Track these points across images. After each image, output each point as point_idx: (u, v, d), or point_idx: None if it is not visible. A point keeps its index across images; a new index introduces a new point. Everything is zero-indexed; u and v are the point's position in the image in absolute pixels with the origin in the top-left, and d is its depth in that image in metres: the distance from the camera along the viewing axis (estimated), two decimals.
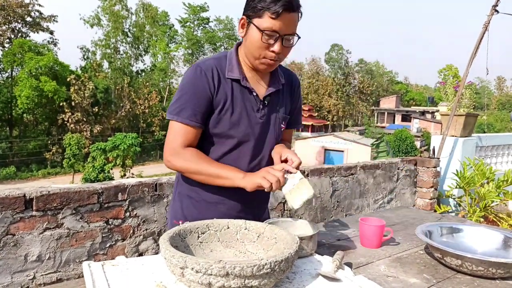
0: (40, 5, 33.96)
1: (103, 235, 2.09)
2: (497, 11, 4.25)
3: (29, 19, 33.88)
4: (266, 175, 1.23)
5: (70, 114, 29.96)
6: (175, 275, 0.97)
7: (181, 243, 1.12)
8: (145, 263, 1.16)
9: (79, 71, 35.18)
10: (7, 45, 32.42)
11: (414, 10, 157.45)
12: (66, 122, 30.11)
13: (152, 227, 2.27)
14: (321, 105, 56.08)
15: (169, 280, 1.03)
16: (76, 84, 30.11)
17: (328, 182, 3.17)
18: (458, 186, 3.97)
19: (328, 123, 54.41)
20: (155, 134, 37.14)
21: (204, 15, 49.15)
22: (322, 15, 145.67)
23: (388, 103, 50.57)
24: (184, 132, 1.32)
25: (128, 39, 40.01)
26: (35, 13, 34.02)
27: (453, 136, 4.34)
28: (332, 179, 3.20)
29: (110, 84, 36.53)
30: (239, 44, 1.42)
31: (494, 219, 3.79)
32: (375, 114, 52.51)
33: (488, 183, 3.84)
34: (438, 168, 3.90)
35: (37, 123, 32.76)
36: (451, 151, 4.29)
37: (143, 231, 2.24)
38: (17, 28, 33.56)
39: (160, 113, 37.09)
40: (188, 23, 46.39)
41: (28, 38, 32.72)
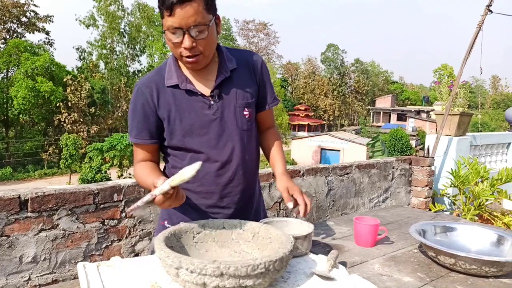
0: (35, 5, 33.78)
1: (99, 235, 2.09)
2: (490, 11, 4.28)
3: (24, 19, 33.69)
4: (160, 206, 1.19)
5: (66, 114, 29.81)
6: (170, 275, 0.98)
7: (176, 243, 1.13)
8: (140, 263, 1.16)
9: (76, 72, 35.03)
10: (2, 45, 32.22)
11: (410, 10, 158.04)
12: (62, 123, 29.96)
13: (148, 228, 2.27)
14: (317, 104, 56.15)
15: (164, 281, 1.04)
16: (73, 84, 29.96)
17: (323, 181, 3.18)
18: (452, 185, 3.99)
19: (324, 122, 54.50)
20: None
21: None
22: (319, 15, 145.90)
23: (384, 102, 50.73)
24: (137, 150, 1.41)
25: (124, 39, 39.90)
26: (30, 14, 33.80)
27: (447, 135, 4.37)
28: (327, 178, 3.21)
29: (106, 85, 36.40)
30: None
31: (489, 217, 3.82)
32: (371, 113, 52.64)
33: (482, 181, 3.86)
34: (433, 167, 3.92)
35: (34, 123, 32.59)
36: (445, 150, 4.31)
37: (139, 231, 2.24)
38: (12, 28, 33.36)
39: None
40: None
41: (23, 39, 32.52)
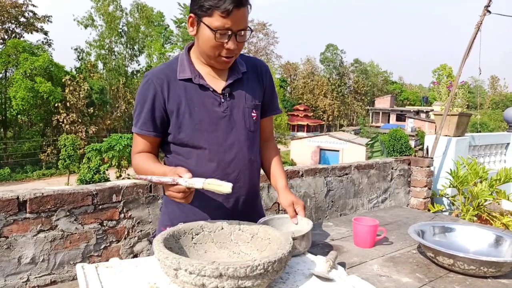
0: (34, 6, 33.74)
1: (98, 236, 2.09)
2: (489, 11, 4.29)
3: (23, 19, 33.64)
4: (171, 194, 1.15)
5: (65, 115, 29.77)
6: (169, 276, 0.98)
7: (175, 244, 1.13)
8: (139, 264, 1.16)
9: (74, 72, 34.99)
10: (0, 46, 32.17)
11: (410, 10, 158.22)
12: (61, 123, 29.91)
13: (146, 229, 2.27)
14: (317, 105, 56.18)
15: (163, 282, 1.04)
16: (71, 85, 29.93)
17: (322, 182, 3.18)
18: (451, 185, 4.00)
19: (323, 123, 54.54)
20: None
21: None
22: (318, 15, 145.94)
23: (383, 103, 50.78)
24: (138, 141, 1.39)
25: (123, 39, 39.87)
26: (29, 14, 33.78)
27: (446, 135, 4.37)
28: (326, 179, 3.21)
29: (105, 85, 36.37)
30: (190, 45, 1.41)
31: (487, 218, 3.82)
32: (370, 113, 52.69)
33: (481, 182, 3.87)
34: (432, 168, 3.93)
35: (32, 124, 32.54)
36: (444, 151, 4.32)
37: (137, 232, 2.24)
38: (10, 28, 33.31)
39: None
40: (183, 24, 46.25)
41: (22, 39, 32.48)
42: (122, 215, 2.17)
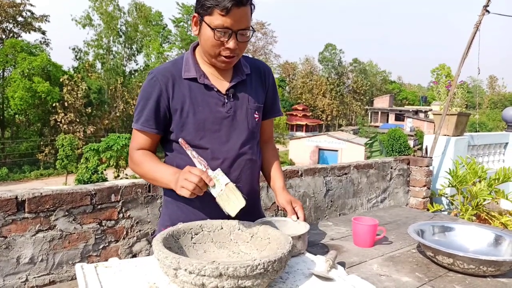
0: (31, 5, 33.66)
1: (96, 236, 2.08)
2: (488, 11, 4.29)
3: (20, 19, 33.56)
4: (183, 183, 1.16)
5: (63, 114, 29.73)
6: (168, 276, 0.97)
7: (174, 244, 1.12)
8: (138, 264, 1.16)
9: (72, 72, 34.91)
10: None
11: (409, 10, 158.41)
12: (59, 123, 29.87)
13: (145, 228, 2.27)
14: (315, 104, 56.20)
15: (162, 281, 1.03)
16: (69, 84, 29.88)
17: (321, 181, 3.18)
18: (450, 185, 4.00)
19: (322, 122, 54.58)
20: None
21: None
22: (317, 14, 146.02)
23: (382, 102, 50.82)
24: (138, 138, 1.38)
25: (121, 39, 39.81)
26: (26, 13, 33.70)
27: (445, 135, 4.38)
28: (325, 178, 3.21)
29: (103, 85, 36.31)
30: (195, 44, 1.42)
31: (486, 217, 3.83)
32: (369, 113, 52.73)
33: (480, 181, 3.87)
34: (431, 167, 3.93)
35: (30, 124, 32.46)
36: (443, 150, 4.32)
37: (136, 232, 2.23)
38: (8, 28, 33.22)
39: None
40: (181, 23, 46.20)
41: (20, 39, 32.39)
42: (121, 215, 2.17)
